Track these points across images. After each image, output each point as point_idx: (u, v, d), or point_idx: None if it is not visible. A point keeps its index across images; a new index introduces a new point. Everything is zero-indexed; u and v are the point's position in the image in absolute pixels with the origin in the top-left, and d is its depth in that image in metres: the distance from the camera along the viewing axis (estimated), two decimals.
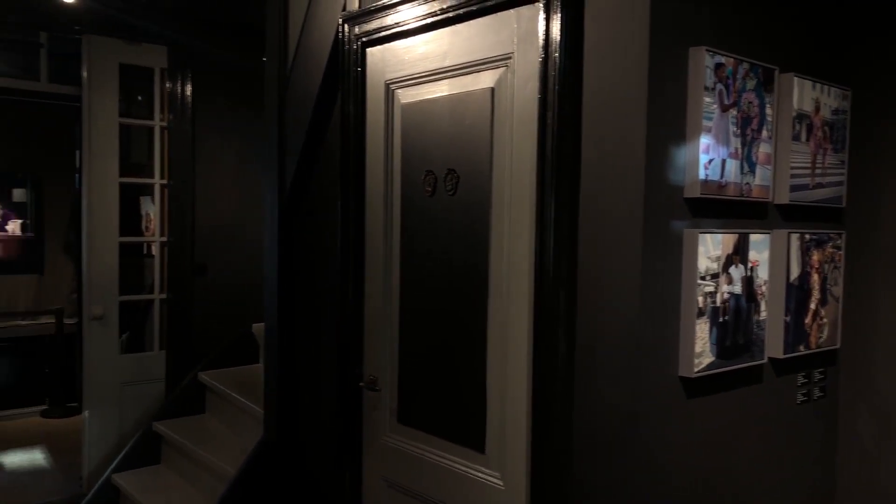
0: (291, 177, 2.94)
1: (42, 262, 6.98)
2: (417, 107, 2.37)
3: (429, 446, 2.36)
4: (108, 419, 4.37)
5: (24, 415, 6.20)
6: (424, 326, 2.37)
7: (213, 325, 4.48)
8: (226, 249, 4.60)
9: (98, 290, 4.34)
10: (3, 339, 6.44)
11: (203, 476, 3.45)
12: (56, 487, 4.67)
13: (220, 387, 3.73)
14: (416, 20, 2.32)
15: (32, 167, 6.91)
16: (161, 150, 4.56)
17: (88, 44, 4.23)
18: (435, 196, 2.30)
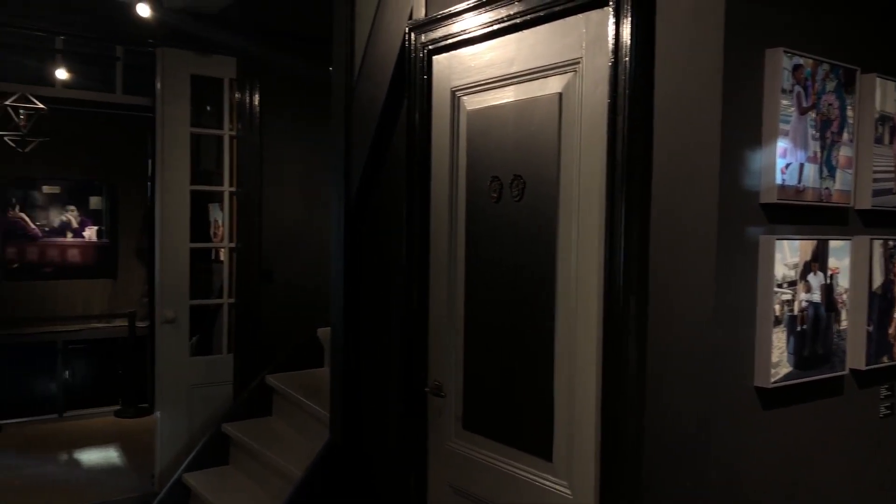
0: (357, 184, 2.99)
1: (116, 267, 7.26)
2: (483, 113, 2.38)
3: (494, 453, 2.35)
4: (178, 420, 4.50)
5: (99, 414, 6.44)
6: (489, 332, 2.37)
7: (278, 330, 4.57)
8: (291, 255, 4.69)
9: (170, 295, 4.48)
10: (80, 340, 6.72)
11: (270, 477, 3.51)
12: (129, 485, 4.83)
13: (286, 390, 3.80)
14: (482, 27, 2.32)
15: (108, 176, 7.21)
16: (230, 159, 4.69)
17: (162, 56, 4.38)
18: (501, 202, 2.30)
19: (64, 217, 7.13)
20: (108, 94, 6.45)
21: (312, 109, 4.64)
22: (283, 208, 4.67)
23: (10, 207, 6.87)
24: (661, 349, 1.80)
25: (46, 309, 6.88)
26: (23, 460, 5.30)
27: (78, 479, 4.94)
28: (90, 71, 6.52)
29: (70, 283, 7.09)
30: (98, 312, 7.05)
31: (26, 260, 6.95)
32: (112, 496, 4.64)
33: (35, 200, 7.02)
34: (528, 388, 2.22)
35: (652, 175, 1.82)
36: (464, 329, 2.48)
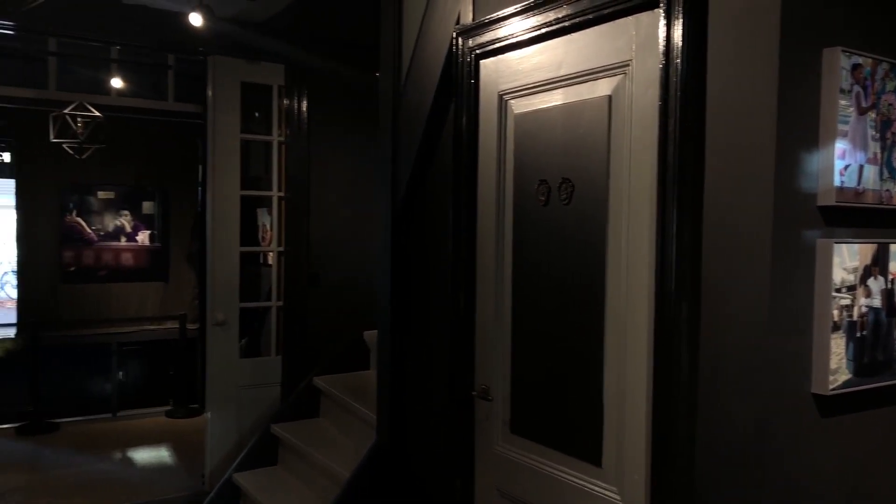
0: (404, 188, 3.01)
1: (167, 270, 7.45)
2: (531, 116, 2.37)
3: (542, 457, 2.34)
4: (228, 420, 4.59)
5: (151, 414, 6.59)
6: (537, 336, 2.37)
7: (325, 332, 4.63)
8: (337, 259, 4.75)
9: (220, 297, 4.57)
10: (134, 342, 6.90)
11: (318, 478, 3.56)
12: (180, 484, 4.93)
13: (333, 392, 3.84)
14: (530, 31, 2.32)
15: (160, 181, 7.40)
16: (278, 164, 4.76)
17: (213, 64, 4.48)
18: (549, 205, 2.29)
19: (118, 222, 7.34)
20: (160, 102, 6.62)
21: (359, 115, 4.69)
22: (330, 213, 4.73)
23: (68, 212, 7.10)
24: (714, 354, 1.78)
25: (101, 311, 7.09)
26: (79, 458, 5.45)
27: (131, 477, 5.07)
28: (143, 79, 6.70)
29: (124, 285, 7.29)
30: (150, 315, 7.23)
31: (82, 264, 7.18)
32: (164, 494, 4.75)
33: (91, 206, 7.24)
34: (576, 392, 2.21)
35: (704, 178, 1.80)
36: (511, 332, 2.48)
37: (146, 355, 7.00)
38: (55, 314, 6.81)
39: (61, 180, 6.90)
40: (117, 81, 6.15)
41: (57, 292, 6.96)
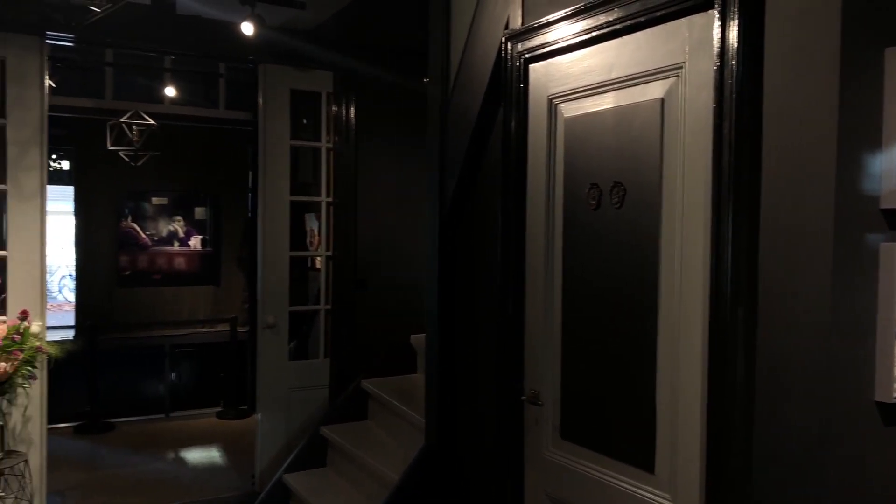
0: (452, 192, 3.02)
1: (219, 274, 7.61)
2: (581, 120, 2.37)
3: (593, 463, 2.32)
4: (277, 422, 4.66)
5: (202, 415, 6.73)
6: (588, 341, 2.35)
7: (372, 335, 4.67)
8: (384, 263, 4.79)
9: (270, 301, 4.65)
10: (186, 344, 7.06)
11: (366, 480, 3.59)
12: (231, 484, 5.02)
13: (382, 395, 3.88)
14: (580, 34, 2.32)
15: (211, 187, 7.57)
16: (327, 170, 4.83)
17: (264, 72, 4.57)
18: (600, 209, 2.28)
19: (171, 227, 7.53)
20: (211, 110, 6.77)
21: (406, 120, 4.73)
22: (377, 217, 4.78)
23: (123, 218, 7.32)
24: (772, 360, 1.74)
25: (155, 314, 7.27)
26: (134, 457, 5.60)
27: (184, 477, 5.18)
28: (195, 88, 6.87)
29: (176, 289, 7.48)
30: (202, 317, 7.39)
31: (137, 268, 7.38)
32: (216, 494, 4.84)
33: (145, 211, 7.45)
34: (628, 398, 2.19)
35: (761, 180, 1.77)
36: (561, 337, 2.47)
37: (198, 357, 7.15)
38: (111, 317, 7.02)
39: (117, 187, 7.11)
40: (170, 90, 6.31)
41: (113, 296, 7.17)
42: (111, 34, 3.95)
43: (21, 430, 3.93)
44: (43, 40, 3.88)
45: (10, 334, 3.62)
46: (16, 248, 3.90)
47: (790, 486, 1.70)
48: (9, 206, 3.92)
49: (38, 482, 3.95)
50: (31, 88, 3.89)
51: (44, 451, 4.00)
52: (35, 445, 3.96)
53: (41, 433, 3.98)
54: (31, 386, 3.85)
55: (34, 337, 3.74)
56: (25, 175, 3.90)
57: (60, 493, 4.71)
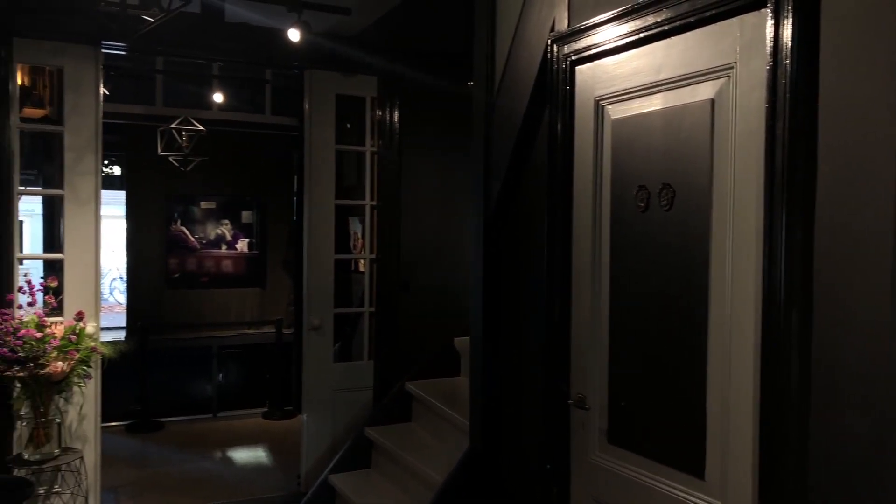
0: (496, 195, 3.03)
1: (265, 277, 7.73)
2: (629, 122, 2.35)
3: (642, 468, 2.30)
4: (322, 423, 4.71)
5: (248, 415, 6.84)
6: (636, 345, 2.33)
7: (415, 338, 4.69)
8: (427, 266, 4.81)
9: (316, 303, 4.71)
10: (233, 346, 7.19)
11: (410, 482, 3.61)
12: (277, 484, 5.10)
13: (426, 397, 3.89)
14: (627, 36, 2.30)
15: (258, 192, 7.70)
16: (371, 174, 4.87)
17: (310, 78, 4.63)
18: (648, 211, 2.26)
19: (219, 230, 7.69)
20: (257, 116, 6.89)
21: (449, 124, 4.75)
22: (420, 220, 4.81)
23: (173, 222, 7.50)
24: (828, 364, 1.71)
25: (203, 316, 7.42)
26: (183, 455, 5.72)
27: (231, 476, 5.27)
28: (242, 94, 7.00)
29: (224, 291, 7.62)
30: (248, 319, 7.52)
31: (186, 270, 7.55)
32: (262, 493, 4.92)
33: (194, 215, 7.62)
34: (677, 402, 2.16)
35: (816, 181, 1.74)
36: (608, 341, 2.45)
37: (244, 358, 7.28)
38: (161, 318, 7.18)
39: (167, 191, 7.29)
40: (218, 96, 6.44)
41: (162, 298, 7.33)
42: (163, 42, 4.05)
43: (77, 428, 4.05)
44: (98, 50, 4.00)
45: (66, 335, 3.73)
46: (72, 251, 4.03)
47: (847, 494, 1.66)
48: (65, 210, 4.05)
49: (92, 478, 4.07)
50: (87, 96, 4.02)
51: (98, 449, 4.11)
52: (90, 443, 4.08)
53: (96, 431, 4.10)
54: (86, 385, 3.97)
55: (89, 337, 3.85)
56: (81, 180, 4.03)
57: (113, 490, 4.83)
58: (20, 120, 3.92)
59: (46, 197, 5.71)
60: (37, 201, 6.74)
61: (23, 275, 3.93)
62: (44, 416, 3.73)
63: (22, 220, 4.05)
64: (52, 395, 3.77)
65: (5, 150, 3.77)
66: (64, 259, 4.02)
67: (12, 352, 3.54)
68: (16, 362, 3.55)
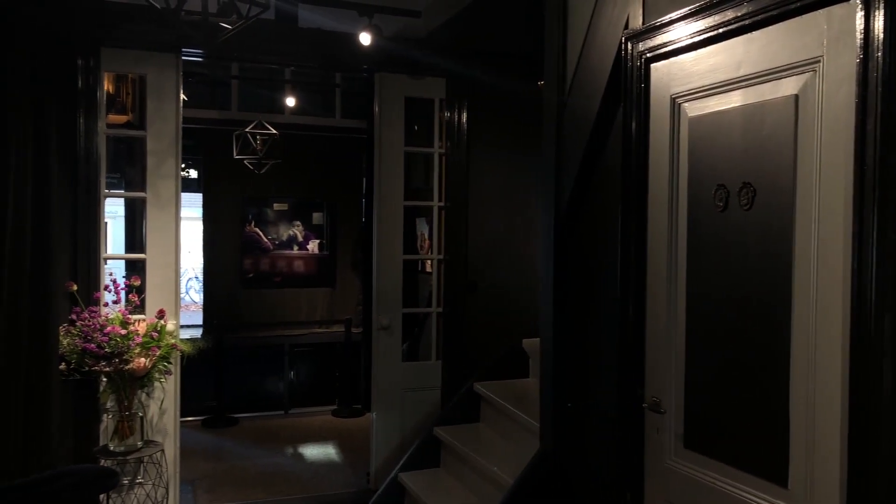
0: (567, 196, 3.00)
1: (334, 277, 7.88)
2: (706, 119, 2.29)
3: (719, 475, 2.24)
4: (391, 422, 4.77)
5: (318, 413, 6.97)
6: (714, 348, 2.27)
7: (483, 338, 4.70)
8: (495, 267, 4.81)
9: (385, 303, 4.77)
10: (303, 344, 7.35)
11: (479, 482, 3.61)
12: (347, 481, 5.18)
13: (495, 398, 3.89)
14: (705, 32, 2.25)
15: (328, 193, 7.86)
16: (439, 175, 4.90)
17: (380, 81, 4.69)
18: (727, 211, 2.20)
19: (291, 231, 7.88)
20: (328, 119, 7.02)
21: (517, 124, 4.74)
22: (488, 221, 4.81)
23: (247, 223, 7.72)
24: None
25: (275, 314, 7.61)
26: (256, 451, 5.88)
27: (302, 472, 5.38)
28: (313, 98, 7.15)
29: (295, 291, 7.80)
30: (319, 318, 7.67)
31: (259, 270, 7.76)
32: (332, 490, 5.01)
33: (267, 217, 7.83)
34: (758, 407, 2.10)
35: None
36: (685, 343, 2.40)
37: (314, 357, 7.42)
38: (235, 317, 7.39)
39: (242, 193, 7.51)
40: (291, 101, 6.59)
41: (237, 297, 7.55)
42: (239, 49, 4.18)
43: (157, 422, 4.21)
44: (179, 57, 4.15)
45: (148, 332, 3.89)
46: (153, 252, 4.19)
47: None
48: (147, 212, 4.21)
49: (172, 471, 4.22)
50: (168, 102, 4.17)
51: (177, 442, 4.27)
52: (170, 436, 4.23)
53: (175, 425, 4.25)
54: (167, 380, 4.12)
55: (169, 335, 4.00)
56: (162, 183, 4.18)
57: (190, 482, 5.00)
58: (105, 126, 4.10)
59: (128, 199, 5.95)
60: (119, 203, 7.03)
61: (108, 274, 4.11)
62: (128, 410, 3.89)
63: (106, 222, 4.23)
64: (136, 389, 3.93)
65: (93, 154, 3.95)
66: (146, 259, 4.19)
67: (99, 347, 3.71)
68: (102, 358, 3.72)
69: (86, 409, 3.97)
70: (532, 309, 4.43)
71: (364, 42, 4.05)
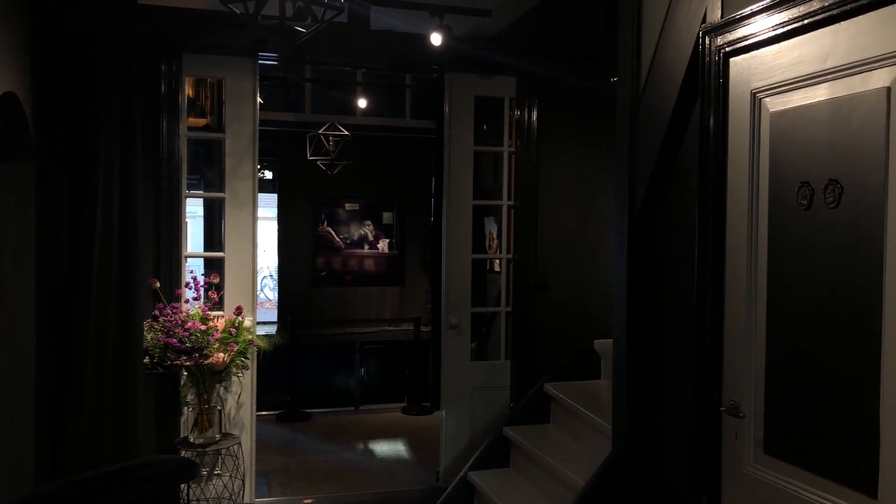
0: (641, 194, 2.95)
1: (404, 276, 7.96)
2: (789, 114, 2.22)
3: (802, 482, 2.16)
4: (461, 420, 4.78)
5: (388, 410, 7.05)
6: (797, 351, 2.19)
7: (553, 339, 4.66)
8: (565, 267, 4.76)
9: (454, 302, 4.78)
10: (374, 342, 7.46)
11: (550, 483, 3.58)
12: (416, 478, 5.23)
13: (566, 399, 3.85)
14: (788, 24, 2.17)
15: (397, 193, 7.95)
16: (508, 174, 4.89)
17: (450, 81, 4.71)
18: (811, 209, 2.12)
19: (362, 231, 8.01)
20: (398, 119, 7.10)
21: (588, 122, 4.69)
22: (558, 220, 4.77)
23: (320, 223, 7.88)
24: None
25: (346, 312, 7.74)
26: (327, 446, 5.99)
27: (373, 468, 5.46)
28: (383, 99, 7.23)
29: (366, 289, 7.92)
30: (388, 317, 7.76)
31: (332, 269, 7.92)
32: (402, 486, 5.05)
33: (338, 216, 7.98)
34: (844, 413, 2.02)
35: None
36: (765, 346, 2.32)
37: (384, 354, 7.52)
38: (308, 315, 7.55)
39: (314, 194, 7.67)
40: (362, 102, 6.70)
41: (310, 295, 7.72)
42: (313, 52, 4.26)
43: (235, 415, 4.35)
44: (256, 61, 4.28)
45: (227, 328, 4.01)
46: (231, 251, 4.33)
47: None
48: (226, 212, 4.35)
49: (248, 463, 4.35)
50: (246, 105, 4.30)
51: (253, 436, 4.39)
52: (246, 430, 4.36)
53: (251, 419, 4.38)
54: (244, 375, 4.25)
55: (247, 331, 4.12)
56: (240, 184, 4.31)
57: (265, 475, 5.14)
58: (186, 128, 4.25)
59: (207, 199, 6.15)
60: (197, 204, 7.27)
61: (189, 272, 4.27)
62: (207, 403, 4.03)
63: (186, 221, 4.39)
64: (214, 383, 4.07)
65: (175, 156, 4.11)
66: (224, 257, 4.33)
67: (180, 342, 3.85)
68: (183, 352, 3.86)
69: (167, 402, 4.13)
70: (603, 309, 4.36)
71: (435, 42, 4.08)
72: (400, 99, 7.08)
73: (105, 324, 3.85)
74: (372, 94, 6.87)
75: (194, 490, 4.15)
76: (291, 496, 4.79)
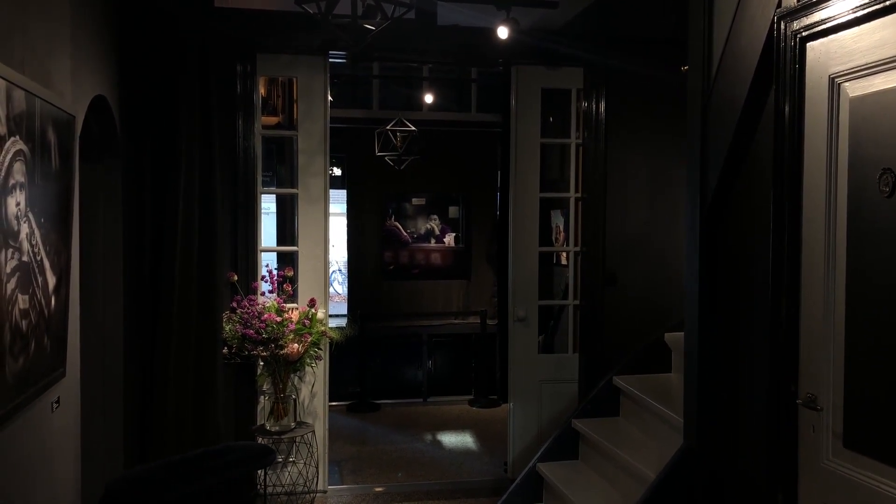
0: (714, 185, 2.90)
1: (470, 269, 8.03)
2: (870, 99, 2.15)
3: (884, 477, 2.10)
4: (528, 412, 4.80)
5: (455, 402, 7.11)
6: (879, 342, 2.13)
7: (622, 332, 4.62)
8: (634, 259, 4.71)
9: (521, 295, 4.80)
10: (440, 335, 7.53)
11: (620, 476, 3.57)
12: (484, 469, 5.27)
13: (636, 392, 3.82)
14: (869, 5, 2.11)
15: (463, 188, 8.00)
16: (575, 166, 4.86)
17: (516, 73, 4.71)
18: (894, 196, 2.06)
19: (428, 225, 8.10)
20: (464, 114, 7.14)
21: (657, 112, 4.62)
22: (626, 213, 4.72)
23: (387, 217, 8.01)
24: None
25: (413, 306, 7.85)
26: (396, 436, 6.09)
27: (441, 459, 5.53)
28: (449, 94, 7.28)
29: (432, 283, 8.02)
30: (455, 310, 7.84)
31: (399, 263, 8.05)
32: (470, 477, 5.11)
33: (405, 211, 8.10)
34: None
35: None
36: (844, 337, 2.26)
37: (451, 347, 7.59)
38: (377, 307, 7.69)
39: (382, 189, 7.80)
40: (428, 97, 6.76)
41: (379, 288, 7.86)
42: (382, 48, 4.34)
43: (308, 405, 4.48)
44: (326, 59, 4.38)
45: (301, 319, 4.14)
46: (304, 245, 4.46)
47: None
48: (298, 207, 4.48)
49: (321, 451, 4.48)
50: (317, 103, 4.42)
51: (326, 424, 4.52)
52: (319, 419, 4.49)
53: (324, 408, 4.51)
54: (317, 366, 4.37)
55: (319, 323, 4.25)
56: (312, 180, 4.44)
57: (337, 463, 5.27)
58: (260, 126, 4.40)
59: (280, 195, 6.33)
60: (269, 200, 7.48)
61: (264, 265, 4.42)
62: (282, 392, 4.17)
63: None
64: (289, 373, 4.21)
65: (251, 153, 4.26)
66: (297, 251, 4.46)
67: (257, 333, 4.00)
68: (260, 343, 4.01)
69: (245, 390, 4.29)
70: (673, 302, 4.30)
71: (501, 35, 4.09)
72: (465, 93, 7.12)
73: (187, 316, 4.02)
74: (438, 89, 6.93)
75: (270, 476, 4.30)
76: (363, 484, 4.91)
